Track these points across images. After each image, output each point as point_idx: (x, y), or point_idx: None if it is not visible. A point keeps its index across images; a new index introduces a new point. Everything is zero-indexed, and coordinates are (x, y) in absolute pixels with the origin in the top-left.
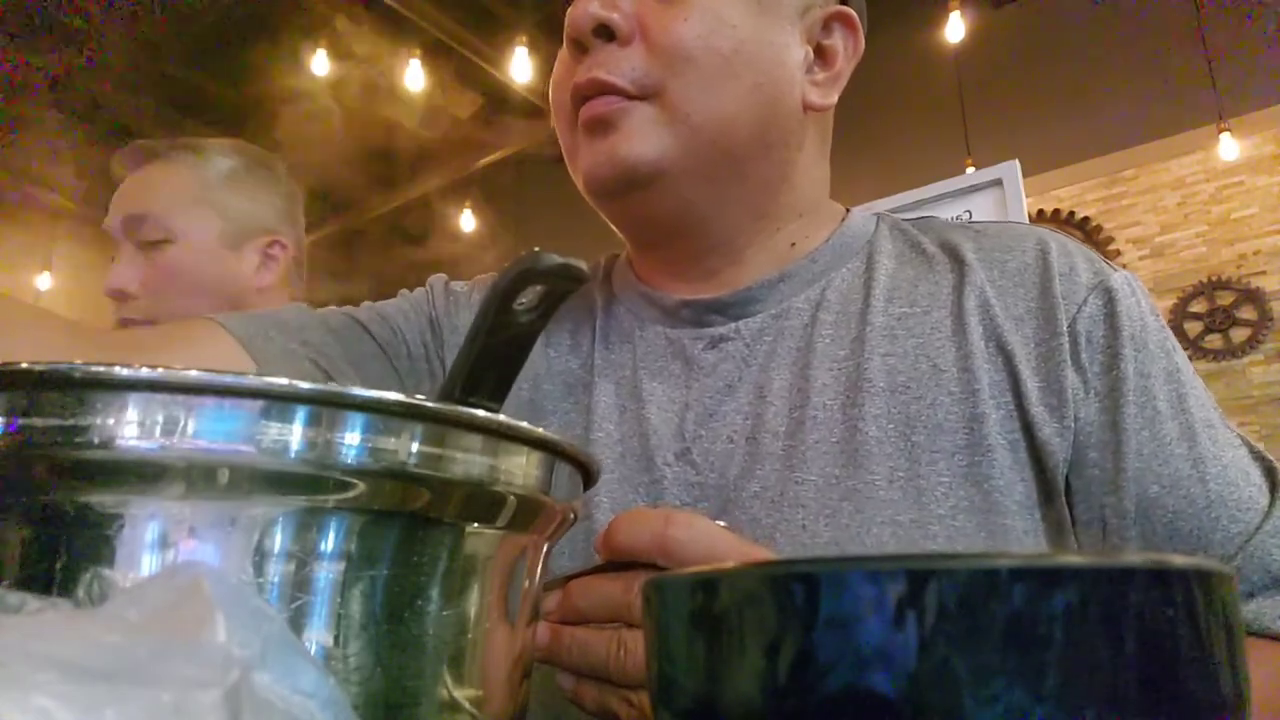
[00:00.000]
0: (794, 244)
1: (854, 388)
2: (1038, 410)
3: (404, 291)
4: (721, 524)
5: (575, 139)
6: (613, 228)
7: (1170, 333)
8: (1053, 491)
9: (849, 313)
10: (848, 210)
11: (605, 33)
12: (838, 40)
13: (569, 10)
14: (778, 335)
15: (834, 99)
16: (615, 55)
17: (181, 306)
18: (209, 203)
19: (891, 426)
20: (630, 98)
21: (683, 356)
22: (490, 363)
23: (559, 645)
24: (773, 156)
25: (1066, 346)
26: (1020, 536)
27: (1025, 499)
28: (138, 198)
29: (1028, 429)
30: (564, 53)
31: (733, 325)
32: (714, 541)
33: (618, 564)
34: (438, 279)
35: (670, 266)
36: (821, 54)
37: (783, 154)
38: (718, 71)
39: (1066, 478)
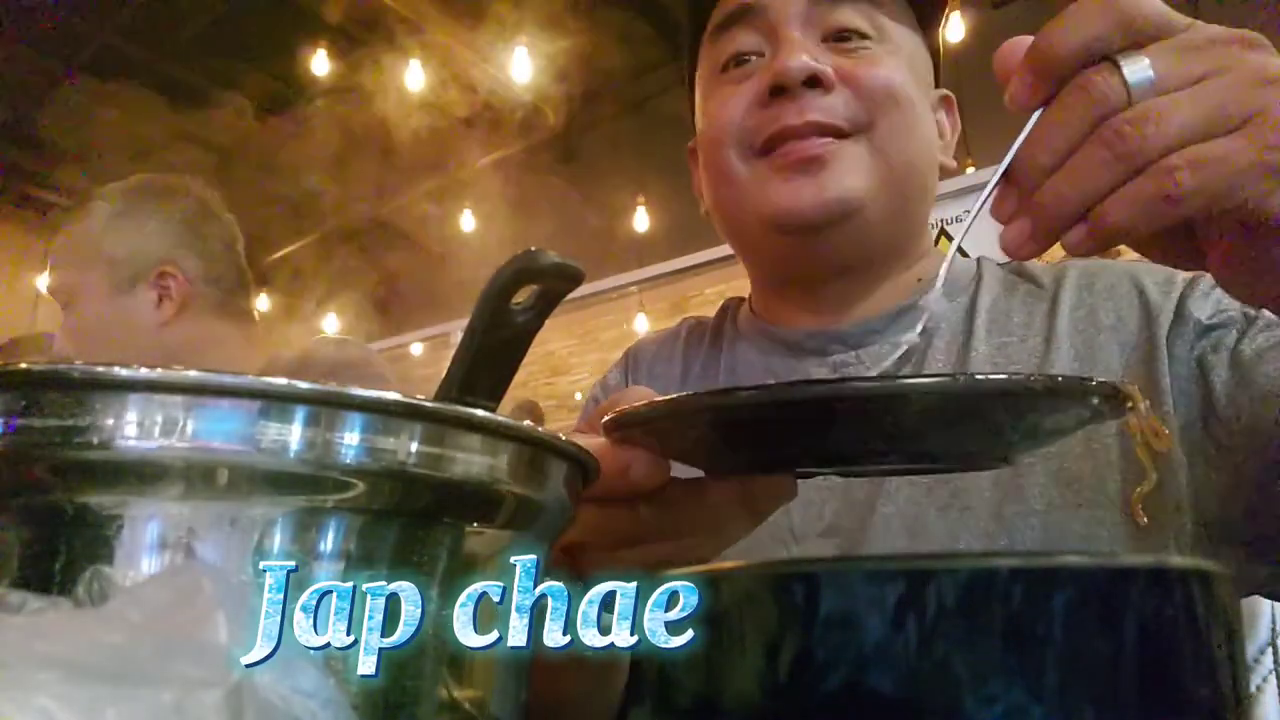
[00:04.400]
0: (920, 279)
1: None
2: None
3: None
4: None
5: (757, 174)
6: (745, 264)
7: None
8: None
9: (955, 342)
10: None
11: (812, 82)
12: (944, 117)
13: (776, 63)
14: (896, 363)
15: (954, 163)
16: (824, 101)
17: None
18: (96, 254)
19: None
20: (842, 136)
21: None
22: (487, 362)
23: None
24: (925, 202)
25: (1164, 336)
26: (1110, 528)
27: (1117, 494)
28: (50, 269)
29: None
30: (737, 91)
31: (853, 353)
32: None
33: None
34: (599, 391)
35: (808, 300)
36: (938, 127)
37: (928, 202)
38: (910, 116)
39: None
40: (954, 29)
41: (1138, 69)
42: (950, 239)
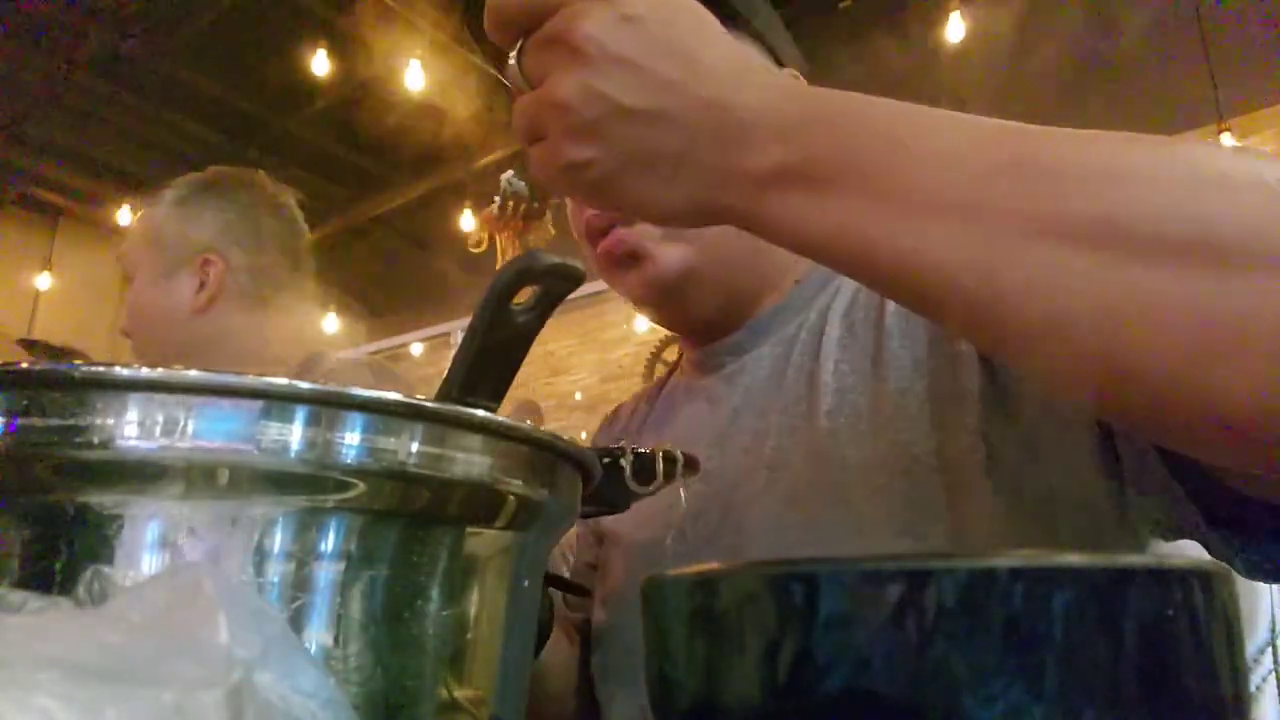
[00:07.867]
0: (798, 281)
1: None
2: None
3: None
4: None
5: (601, 267)
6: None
7: None
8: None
9: (817, 328)
10: None
11: None
12: None
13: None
14: (776, 360)
15: None
16: None
17: (144, 337)
18: (153, 237)
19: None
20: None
21: (706, 397)
22: (488, 363)
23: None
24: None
25: None
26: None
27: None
28: (123, 245)
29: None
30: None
31: (738, 361)
32: None
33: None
34: None
35: (710, 334)
36: None
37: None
38: None
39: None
40: (954, 29)
41: (512, 63)
42: None
